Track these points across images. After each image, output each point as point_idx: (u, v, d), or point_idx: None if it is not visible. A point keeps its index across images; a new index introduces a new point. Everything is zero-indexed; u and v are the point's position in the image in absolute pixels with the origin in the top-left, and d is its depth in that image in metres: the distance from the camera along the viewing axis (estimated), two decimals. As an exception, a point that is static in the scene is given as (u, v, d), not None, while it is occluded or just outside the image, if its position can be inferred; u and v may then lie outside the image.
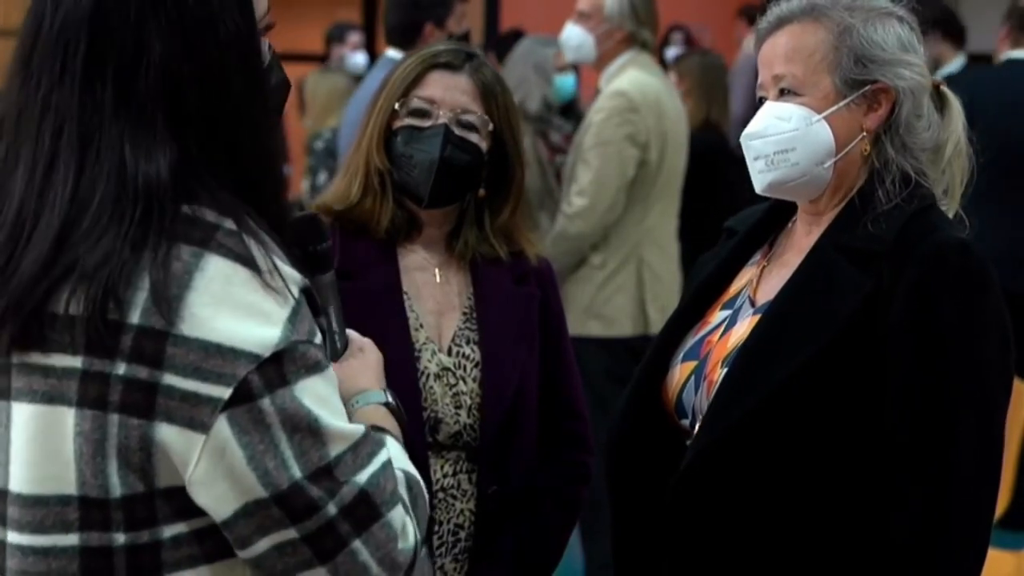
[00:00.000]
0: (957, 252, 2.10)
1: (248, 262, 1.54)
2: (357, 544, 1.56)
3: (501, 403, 2.51)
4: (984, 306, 2.09)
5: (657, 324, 5.05)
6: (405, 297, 2.55)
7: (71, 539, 1.56)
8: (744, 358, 2.16)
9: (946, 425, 2.06)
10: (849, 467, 2.10)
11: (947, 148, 2.21)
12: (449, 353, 2.56)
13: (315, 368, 1.56)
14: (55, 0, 1.62)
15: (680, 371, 2.26)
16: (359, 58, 9.61)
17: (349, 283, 2.48)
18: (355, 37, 9.89)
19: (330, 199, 2.59)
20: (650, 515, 2.22)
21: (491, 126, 2.54)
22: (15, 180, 1.61)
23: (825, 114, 2.17)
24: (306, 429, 1.54)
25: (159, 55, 1.59)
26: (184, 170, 1.58)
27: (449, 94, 2.52)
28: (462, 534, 2.51)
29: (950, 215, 2.22)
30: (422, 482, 1.70)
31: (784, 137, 2.17)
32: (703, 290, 2.34)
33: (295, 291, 1.57)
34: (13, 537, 1.59)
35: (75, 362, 1.54)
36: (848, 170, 2.20)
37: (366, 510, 1.57)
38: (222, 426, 1.52)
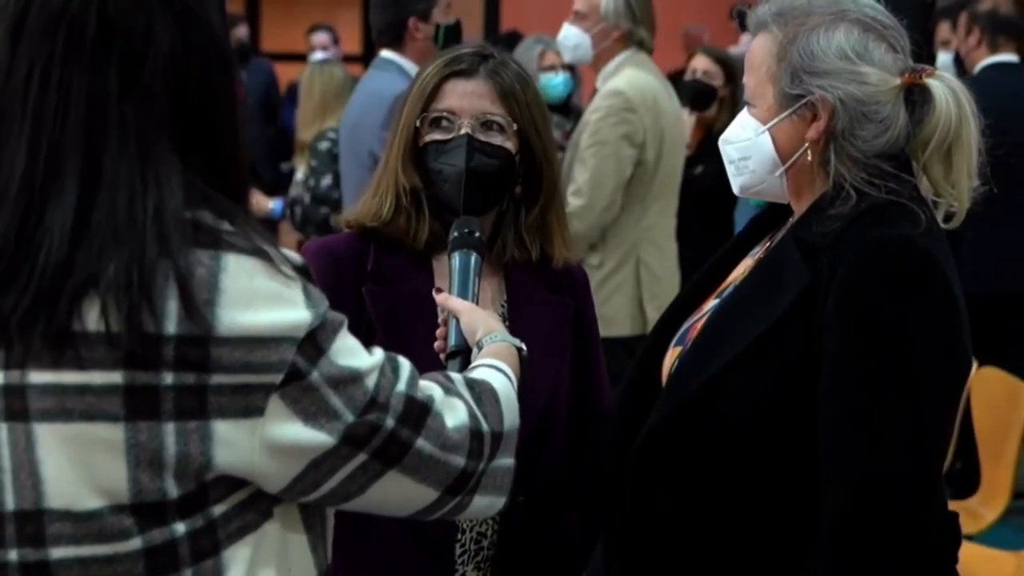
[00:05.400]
0: (894, 248, 2.04)
1: (260, 253, 1.58)
2: (420, 442, 1.69)
3: (532, 412, 2.44)
4: (919, 304, 2.03)
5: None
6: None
7: (134, 543, 1.57)
8: (692, 348, 2.19)
9: (867, 424, 2.02)
10: (785, 462, 2.09)
11: (928, 146, 2.14)
12: None
13: (339, 327, 1.65)
14: None
15: (670, 356, 2.29)
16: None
17: (382, 287, 2.46)
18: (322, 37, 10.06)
19: (361, 216, 2.53)
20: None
21: (515, 126, 2.50)
22: (9, 156, 1.55)
23: (768, 126, 2.18)
24: (348, 380, 1.63)
25: (166, 46, 1.58)
26: (185, 173, 1.58)
27: (467, 101, 2.48)
28: (485, 543, 2.48)
29: (947, 216, 2.16)
30: (494, 387, 1.85)
31: (741, 145, 2.22)
32: (705, 278, 2.36)
33: (296, 270, 1.63)
34: (64, 552, 1.57)
35: (115, 378, 1.53)
36: (802, 178, 2.19)
37: (417, 410, 1.69)
38: (276, 404, 1.59)
